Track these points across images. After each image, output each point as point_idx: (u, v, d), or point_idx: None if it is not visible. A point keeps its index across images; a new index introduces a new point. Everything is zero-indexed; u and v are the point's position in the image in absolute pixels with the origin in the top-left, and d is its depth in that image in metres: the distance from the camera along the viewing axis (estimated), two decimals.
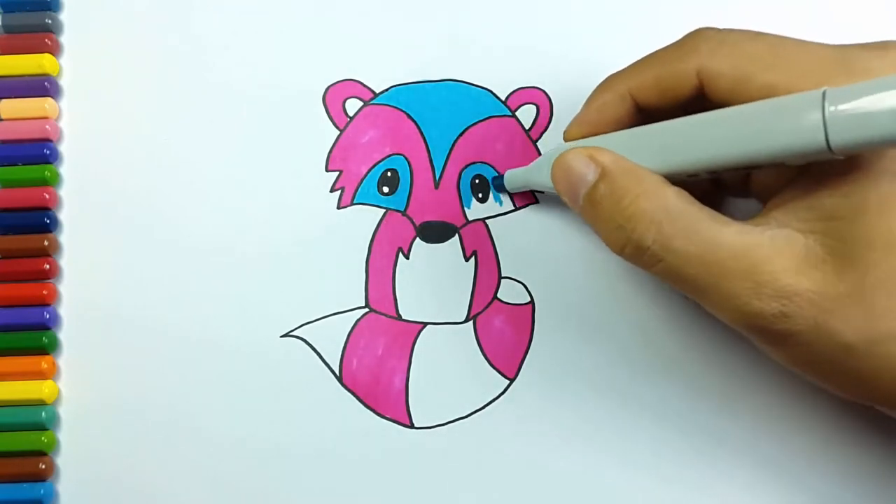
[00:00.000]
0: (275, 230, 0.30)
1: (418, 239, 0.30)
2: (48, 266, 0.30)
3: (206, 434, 0.29)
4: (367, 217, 0.31)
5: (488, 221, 0.30)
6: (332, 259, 0.30)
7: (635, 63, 0.26)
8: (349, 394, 0.30)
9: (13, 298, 0.30)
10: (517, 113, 0.31)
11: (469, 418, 0.29)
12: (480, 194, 0.31)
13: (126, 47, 0.32)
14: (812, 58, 0.22)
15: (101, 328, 0.30)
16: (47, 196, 0.31)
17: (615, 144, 0.25)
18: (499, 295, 0.30)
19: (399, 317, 0.30)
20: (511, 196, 0.31)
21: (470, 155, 0.31)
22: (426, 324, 0.30)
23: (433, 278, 0.30)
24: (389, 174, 0.31)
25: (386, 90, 0.31)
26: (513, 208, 0.31)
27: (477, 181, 0.31)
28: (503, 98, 0.31)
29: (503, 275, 0.30)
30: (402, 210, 0.30)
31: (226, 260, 0.30)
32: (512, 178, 0.30)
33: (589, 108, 0.27)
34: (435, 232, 0.30)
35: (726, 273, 0.22)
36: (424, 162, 0.31)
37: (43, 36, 0.31)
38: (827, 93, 0.19)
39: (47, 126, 0.31)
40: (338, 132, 0.31)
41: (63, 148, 0.31)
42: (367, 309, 0.30)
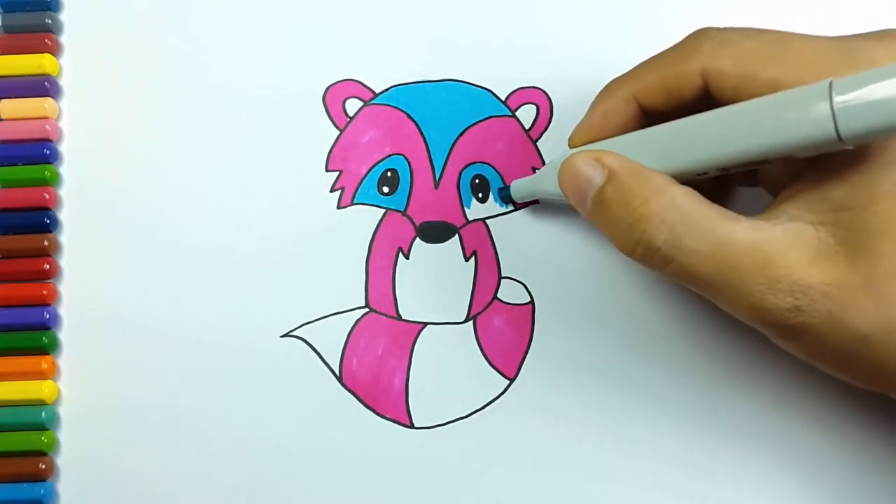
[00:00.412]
0: (275, 230, 0.30)
1: (418, 239, 0.30)
2: (48, 266, 0.30)
3: (206, 434, 0.29)
4: (367, 217, 0.31)
5: (488, 221, 0.30)
6: (332, 259, 0.30)
7: (638, 66, 0.26)
8: (349, 394, 0.30)
9: (13, 298, 0.30)
10: (517, 113, 0.31)
11: (469, 418, 0.29)
12: (480, 194, 0.30)
13: (126, 47, 0.32)
14: (815, 51, 0.22)
15: (101, 328, 0.30)
16: (47, 196, 0.31)
17: (622, 148, 0.24)
18: (499, 295, 0.30)
19: (399, 317, 0.30)
20: (514, 202, 0.31)
21: (470, 155, 0.31)
22: (426, 324, 0.30)
23: (433, 278, 0.30)
24: (389, 174, 0.31)
25: (386, 90, 0.31)
26: (513, 208, 0.31)
27: (477, 181, 0.31)
28: (503, 98, 0.31)
29: (503, 275, 0.30)
30: (402, 210, 0.30)
31: (226, 260, 0.30)
32: (518, 188, 0.30)
33: (593, 114, 0.26)
34: (435, 232, 0.30)
35: (739, 270, 0.22)
36: (424, 162, 0.31)
37: (43, 36, 0.31)
38: (833, 83, 0.20)
39: (47, 126, 0.31)
40: (338, 132, 0.31)
41: (63, 148, 0.31)
42: (367, 309, 0.30)
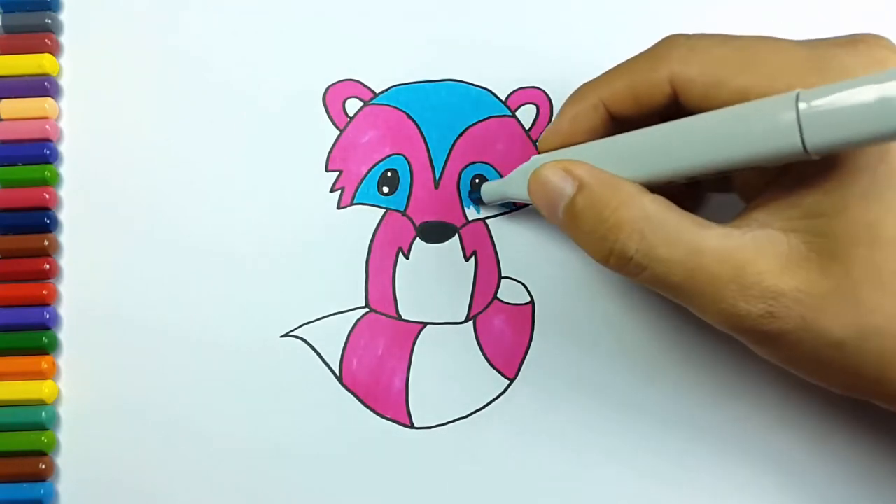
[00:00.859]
0: (275, 230, 0.30)
1: (418, 239, 0.30)
2: (48, 266, 0.30)
3: (206, 434, 0.29)
4: (367, 217, 0.31)
5: (488, 221, 0.30)
6: (332, 259, 0.30)
7: (607, 72, 0.25)
8: (349, 394, 0.30)
9: (13, 298, 0.30)
10: (517, 113, 0.31)
11: (469, 418, 0.29)
12: None
13: (126, 47, 0.32)
14: (783, 58, 0.22)
15: (101, 328, 0.30)
16: (47, 196, 0.31)
17: (591, 155, 0.24)
18: (499, 295, 0.30)
19: (399, 317, 0.30)
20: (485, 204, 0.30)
21: (470, 155, 0.31)
22: (426, 324, 0.30)
23: (433, 278, 0.30)
24: (389, 174, 0.31)
25: (386, 90, 0.31)
26: (513, 208, 0.31)
27: (477, 181, 0.30)
28: (503, 98, 0.31)
29: (503, 275, 0.30)
30: (402, 210, 0.30)
31: (226, 260, 0.30)
32: (488, 191, 0.29)
33: (562, 119, 0.26)
34: (435, 232, 0.30)
35: (711, 277, 0.22)
36: (424, 162, 0.31)
37: (43, 36, 0.31)
38: (800, 94, 0.19)
39: (47, 126, 0.31)
40: (338, 132, 0.31)
41: (63, 148, 0.31)
42: (367, 309, 0.30)
